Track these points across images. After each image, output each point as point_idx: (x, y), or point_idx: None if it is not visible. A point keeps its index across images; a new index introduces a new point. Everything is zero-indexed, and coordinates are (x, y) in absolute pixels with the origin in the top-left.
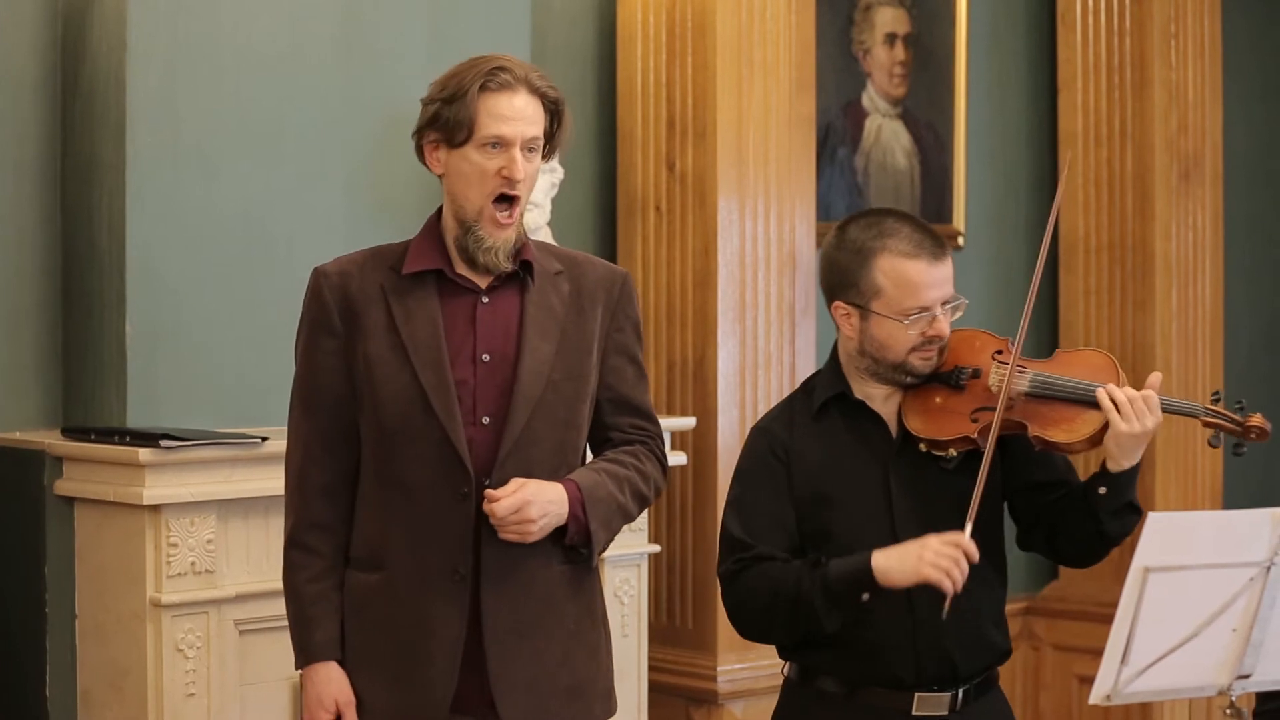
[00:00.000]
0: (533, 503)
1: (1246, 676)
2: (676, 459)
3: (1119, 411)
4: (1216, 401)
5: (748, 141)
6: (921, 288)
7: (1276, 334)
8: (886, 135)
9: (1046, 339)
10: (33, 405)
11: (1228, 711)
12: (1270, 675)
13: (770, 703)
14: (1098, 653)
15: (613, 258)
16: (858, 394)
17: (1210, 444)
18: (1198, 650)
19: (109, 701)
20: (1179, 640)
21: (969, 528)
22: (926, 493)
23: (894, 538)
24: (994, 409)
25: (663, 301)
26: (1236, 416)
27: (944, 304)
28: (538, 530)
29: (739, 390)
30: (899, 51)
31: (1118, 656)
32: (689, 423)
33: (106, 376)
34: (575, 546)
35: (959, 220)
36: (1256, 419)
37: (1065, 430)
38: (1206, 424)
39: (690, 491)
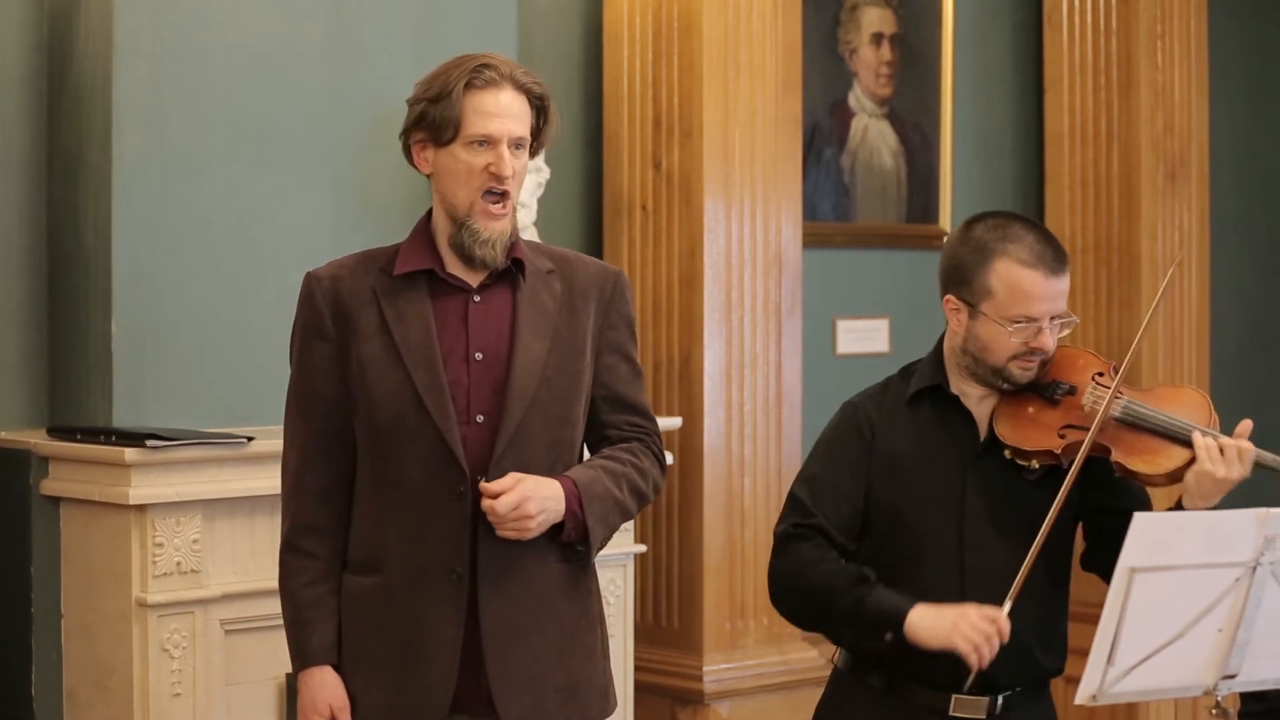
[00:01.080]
0: (531, 499)
1: (1232, 676)
2: None
3: (1209, 456)
4: None
5: (734, 141)
6: (1032, 298)
7: (1262, 334)
8: (873, 135)
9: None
10: (18, 405)
11: (1213, 712)
12: (1256, 675)
13: (756, 702)
14: (1084, 653)
15: (598, 257)
16: (953, 389)
17: None
18: (1183, 650)
19: (94, 701)
20: (1165, 640)
21: (1008, 606)
22: (1001, 499)
23: (960, 536)
24: (1084, 428)
25: (649, 301)
26: None
27: (1053, 318)
28: (536, 526)
29: (725, 390)
30: (885, 51)
31: (1104, 657)
32: (675, 423)
33: (92, 376)
34: (572, 544)
35: (945, 220)
36: None
37: (1148, 461)
38: None
39: (676, 491)
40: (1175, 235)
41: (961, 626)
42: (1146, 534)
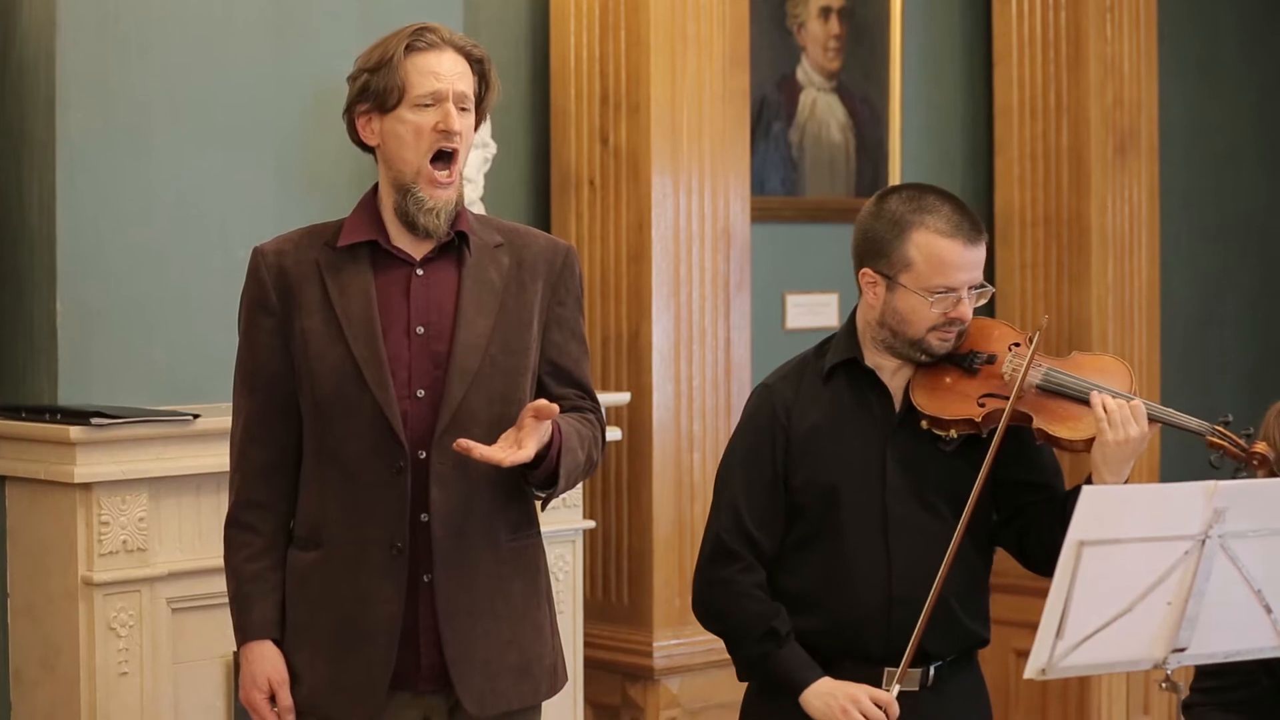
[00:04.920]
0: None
1: (1182, 650)
2: (611, 434)
3: (1108, 418)
4: (1226, 425)
5: (681, 116)
6: (951, 268)
7: (1212, 308)
8: (821, 109)
9: (982, 313)
10: None
11: (1163, 685)
12: (1205, 649)
13: (706, 678)
14: (1034, 627)
15: (546, 233)
16: (868, 362)
17: (1211, 464)
18: (1133, 624)
19: (41, 681)
20: (1114, 614)
21: (895, 689)
22: (921, 471)
23: (883, 510)
24: (1003, 396)
25: (597, 277)
26: (1241, 442)
27: (970, 288)
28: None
29: (674, 365)
30: (833, 25)
31: (1053, 630)
32: (624, 398)
33: (37, 355)
34: (534, 485)
35: None
36: (1261, 447)
37: (1069, 427)
38: (1211, 445)
39: (625, 467)
40: (1125, 209)
41: (851, 714)
42: (1095, 507)
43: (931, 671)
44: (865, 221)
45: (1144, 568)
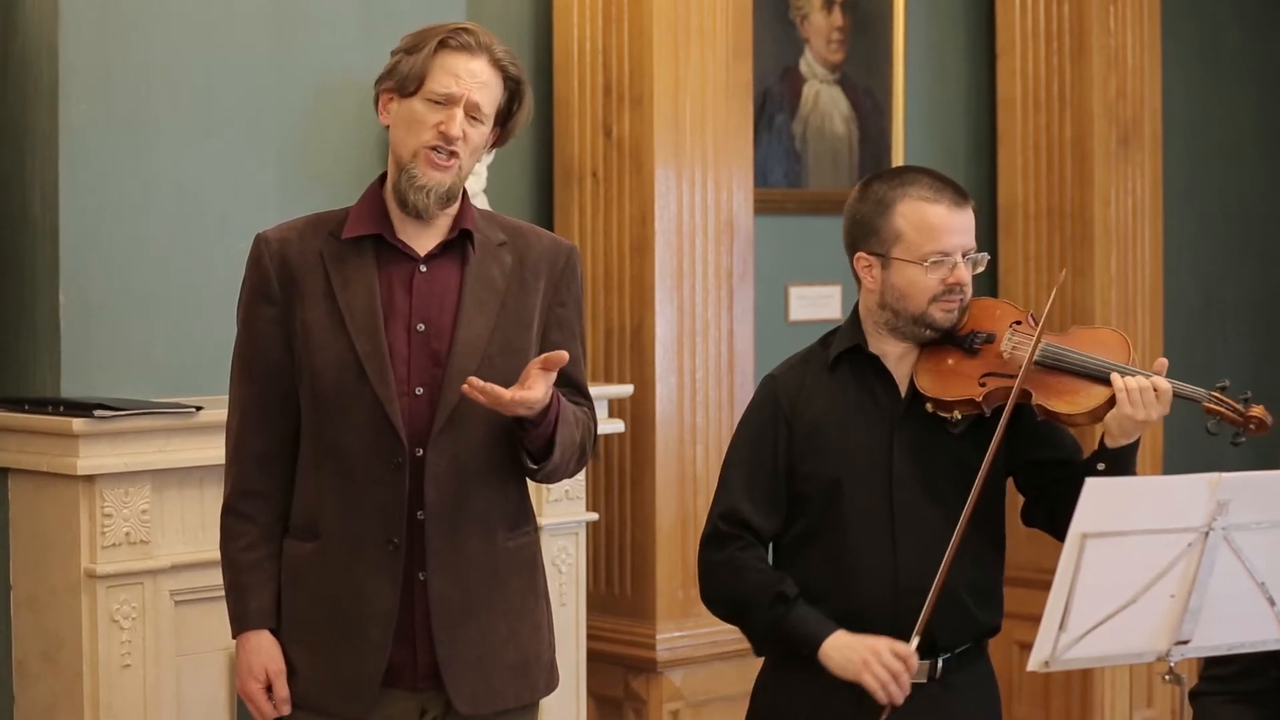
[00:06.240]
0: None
1: (1185, 643)
2: (614, 427)
3: (1129, 399)
4: (1223, 390)
5: (685, 108)
6: (941, 231)
7: (1215, 300)
8: (825, 101)
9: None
10: None
11: (1166, 678)
12: (1209, 641)
13: (709, 670)
14: (1037, 619)
15: (549, 225)
16: (872, 349)
17: (1209, 431)
18: (1136, 616)
19: (44, 673)
20: (1117, 606)
21: (915, 641)
22: (928, 457)
23: (890, 499)
24: (1004, 375)
25: (600, 269)
26: (1239, 406)
27: (965, 254)
28: (519, 408)
29: (677, 358)
30: (837, 17)
31: (1055, 623)
32: (626, 390)
33: (40, 347)
34: (529, 451)
35: None
36: (1258, 410)
37: (1068, 402)
38: (1208, 410)
39: (628, 459)
40: (1128, 200)
41: (872, 665)
42: (1098, 499)
43: (940, 664)
44: (852, 207)
45: (1147, 560)
